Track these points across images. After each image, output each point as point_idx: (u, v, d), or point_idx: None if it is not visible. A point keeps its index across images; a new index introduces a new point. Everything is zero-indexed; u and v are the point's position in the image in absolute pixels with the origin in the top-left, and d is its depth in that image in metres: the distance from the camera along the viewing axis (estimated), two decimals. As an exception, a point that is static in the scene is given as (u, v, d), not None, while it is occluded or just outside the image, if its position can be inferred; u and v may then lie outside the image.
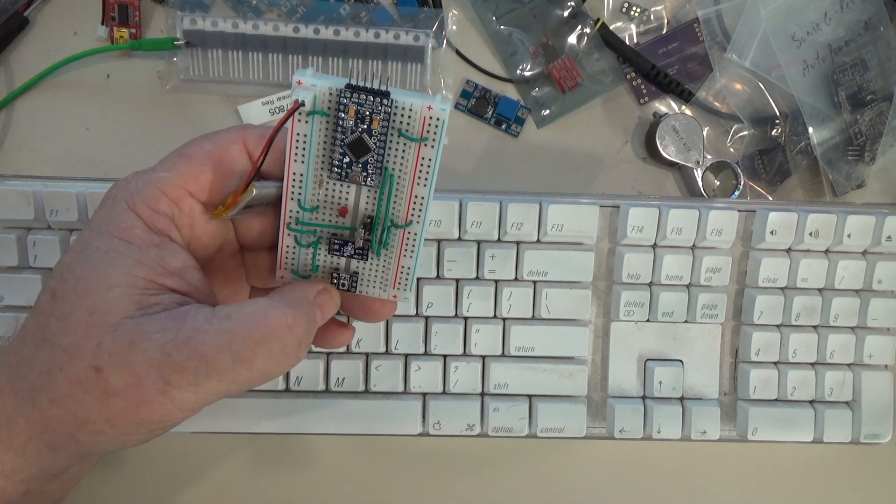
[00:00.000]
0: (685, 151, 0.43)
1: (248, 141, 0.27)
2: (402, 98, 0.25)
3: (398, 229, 0.27)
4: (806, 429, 0.40)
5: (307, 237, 0.27)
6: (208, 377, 0.23)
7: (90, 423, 0.24)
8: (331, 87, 0.24)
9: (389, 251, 0.27)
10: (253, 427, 0.38)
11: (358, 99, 0.24)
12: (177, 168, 0.26)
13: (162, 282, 0.25)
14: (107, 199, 0.26)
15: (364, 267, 0.28)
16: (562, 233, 0.38)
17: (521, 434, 0.39)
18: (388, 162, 0.25)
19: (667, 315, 0.39)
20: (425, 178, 0.26)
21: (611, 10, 0.44)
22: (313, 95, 0.24)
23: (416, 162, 0.25)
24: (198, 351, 0.23)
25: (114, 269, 0.24)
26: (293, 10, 0.42)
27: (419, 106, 0.25)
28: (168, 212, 0.25)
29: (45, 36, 0.42)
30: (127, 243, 0.24)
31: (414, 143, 0.25)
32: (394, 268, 0.28)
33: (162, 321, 0.24)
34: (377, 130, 0.25)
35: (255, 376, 0.24)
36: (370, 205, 0.26)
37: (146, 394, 0.23)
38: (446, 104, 0.25)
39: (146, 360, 0.23)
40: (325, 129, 0.25)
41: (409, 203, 0.26)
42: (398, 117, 0.25)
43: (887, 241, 0.39)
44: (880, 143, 0.43)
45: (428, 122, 0.25)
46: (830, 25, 0.43)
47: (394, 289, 0.28)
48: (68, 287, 0.24)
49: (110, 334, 0.23)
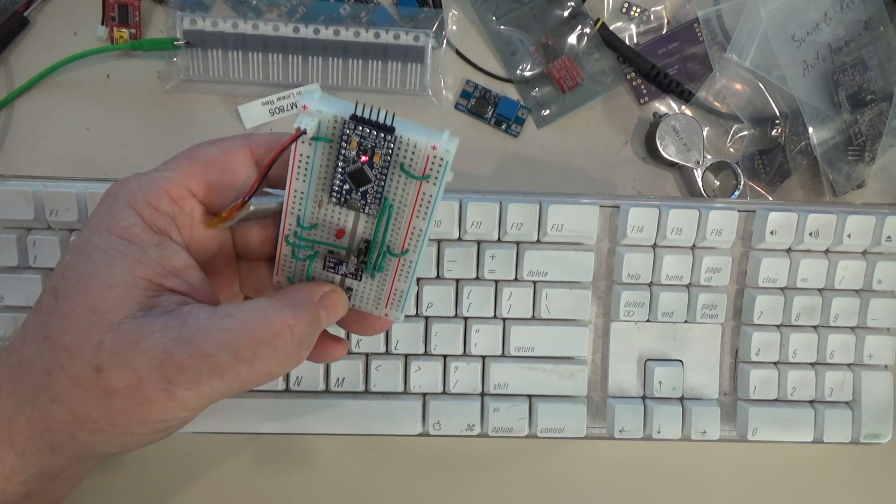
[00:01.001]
0: (685, 151, 0.43)
1: (254, 149, 0.27)
2: (406, 134, 0.24)
3: (393, 257, 0.27)
4: (806, 429, 0.40)
5: (304, 251, 0.27)
6: (210, 376, 0.23)
7: (91, 422, 0.23)
8: (335, 115, 0.24)
9: (384, 274, 0.27)
10: (253, 427, 0.38)
11: (361, 132, 0.24)
12: (180, 168, 0.26)
13: (162, 282, 0.25)
14: (107, 197, 0.26)
15: (358, 284, 0.28)
16: (562, 233, 0.38)
17: (521, 434, 0.39)
18: (389, 193, 0.25)
19: (667, 315, 0.39)
20: (425, 212, 0.25)
21: (611, 10, 0.44)
22: (317, 122, 0.24)
23: (417, 196, 0.25)
24: (199, 349, 0.23)
25: (114, 268, 0.24)
26: (293, 10, 0.42)
27: (424, 144, 0.24)
28: (169, 211, 0.25)
29: (45, 36, 0.42)
30: (127, 242, 0.24)
31: (415, 181, 0.25)
32: (387, 289, 0.28)
33: (163, 320, 0.24)
34: (378, 164, 0.24)
35: (257, 376, 0.24)
36: (368, 230, 0.26)
37: (147, 392, 0.23)
38: (453, 144, 0.24)
39: (147, 358, 0.23)
40: (328, 153, 0.25)
41: (406, 233, 0.26)
42: (402, 152, 0.24)
43: (887, 241, 0.39)
44: (880, 143, 0.43)
45: (431, 160, 0.24)
46: (830, 25, 0.43)
47: (386, 308, 0.28)
48: (69, 286, 0.24)
49: (111, 333, 0.23)
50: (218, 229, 0.26)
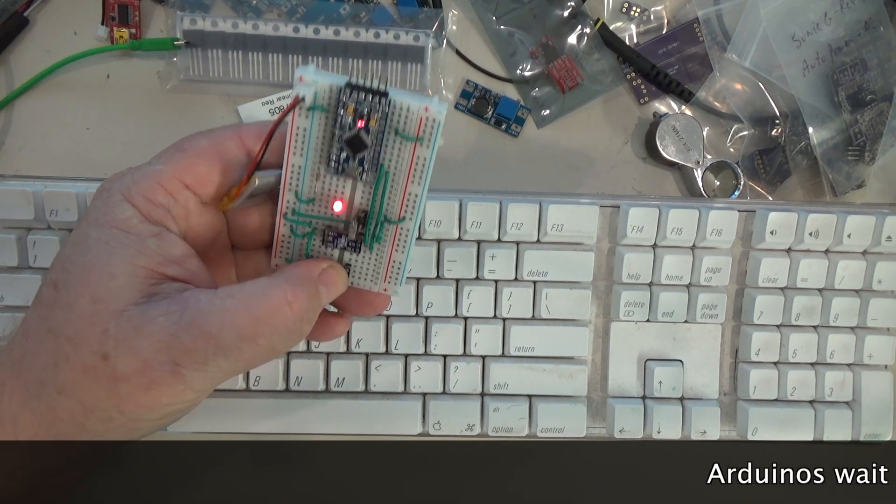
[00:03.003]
0: (685, 151, 0.43)
1: (245, 137, 0.27)
2: (399, 98, 0.25)
3: (391, 225, 0.27)
4: (806, 429, 0.40)
5: (302, 227, 0.27)
6: (215, 356, 0.24)
7: (99, 410, 0.24)
8: (332, 84, 0.25)
9: (381, 246, 0.28)
10: (252, 427, 0.38)
11: (357, 97, 0.25)
12: (173, 161, 0.26)
13: (163, 270, 0.25)
14: (102, 192, 0.26)
15: (356, 259, 0.28)
16: (562, 233, 0.38)
17: (521, 434, 0.39)
18: (385, 159, 0.26)
19: (667, 315, 0.39)
20: (419, 177, 0.26)
21: (611, 10, 0.44)
22: (314, 91, 0.25)
23: (412, 160, 0.26)
24: (203, 330, 0.23)
25: (115, 259, 0.24)
26: (293, 10, 0.42)
27: (416, 107, 0.25)
28: (164, 203, 0.26)
29: (45, 36, 0.42)
30: (126, 233, 0.25)
31: (409, 143, 0.26)
32: (385, 262, 0.28)
33: (165, 306, 0.24)
34: (374, 128, 0.25)
35: (261, 353, 0.25)
36: (365, 200, 0.27)
37: (155, 376, 0.23)
38: (443, 106, 0.25)
39: (153, 343, 0.23)
40: (324, 125, 0.26)
41: (402, 200, 0.27)
42: (395, 117, 0.25)
43: (887, 241, 0.39)
44: (880, 143, 0.43)
45: (424, 122, 0.25)
46: (830, 25, 0.43)
47: (384, 282, 0.29)
48: (70, 278, 0.24)
49: (115, 321, 0.24)
50: (229, 209, 0.27)
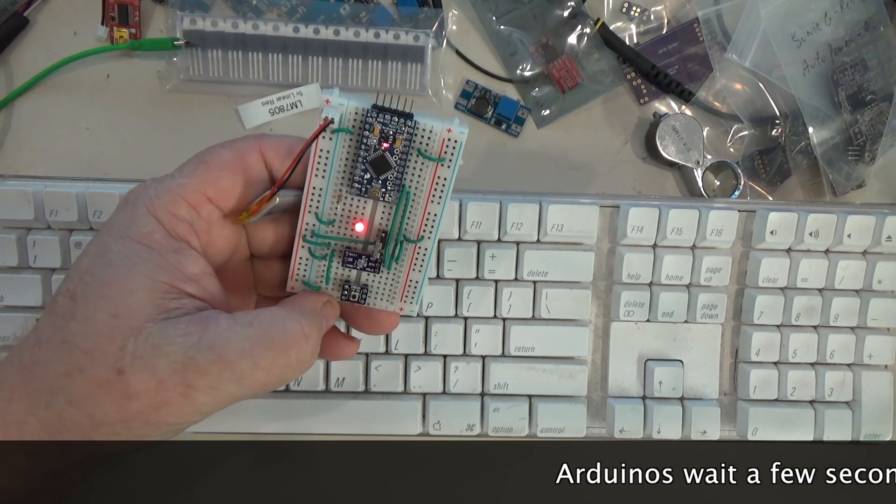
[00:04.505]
0: (685, 151, 0.43)
1: (266, 150, 0.27)
2: (423, 120, 0.26)
3: (409, 244, 0.28)
4: (806, 429, 0.40)
5: (321, 249, 0.28)
6: (229, 381, 0.24)
7: (106, 424, 0.24)
8: (357, 106, 0.26)
9: (399, 265, 0.28)
10: (253, 427, 0.38)
11: (383, 119, 0.26)
12: (196, 174, 0.26)
13: (182, 287, 0.25)
14: (126, 204, 0.26)
15: (374, 279, 0.29)
16: (562, 233, 0.38)
17: (521, 434, 0.39)
18: (406, 180, 0.27)
19: (667, 315, 0.39)
20: (439, 197, 0.27)
21: (611, 10, 0.44)
22: (340, 114, 0.26)
23: (433, 181, 0.27)
24: (221, 356, 0.24)
25: (135, 273, 0.24)
26: (293, 10, 0.42)
27: (440, 128, 0.26)
28: (188, 217, 0.26)
29: (45, 36, 0.42)
30: (147, 248, 0.25)
31: (431, 163, 0.26)
32: (402, 281, 0.29)
33: (185, 325, 0.24)
34: (399, 149, 0.26)
35: (272, 382, 0.25)
36: (385, 220, 0.28)
37: (167, 396, 0.23)
38: (465, 128, 0.26)
39: (170, 363, 0.23)
40: (347, 147, 0.26)
41: (422, 219, 0.27)
42: (419, 138, 0.26)
43: (887, 241, 0.39)
44: (880, 143, 0.43)
45: (446, 143, 0.26)
46: (830, 25, 0.43)
47: (401, 301, 0.29)
48: (89, 290, 0.24)
49: (134, 338, 0.24)
50: (246, 223, 0.27)
